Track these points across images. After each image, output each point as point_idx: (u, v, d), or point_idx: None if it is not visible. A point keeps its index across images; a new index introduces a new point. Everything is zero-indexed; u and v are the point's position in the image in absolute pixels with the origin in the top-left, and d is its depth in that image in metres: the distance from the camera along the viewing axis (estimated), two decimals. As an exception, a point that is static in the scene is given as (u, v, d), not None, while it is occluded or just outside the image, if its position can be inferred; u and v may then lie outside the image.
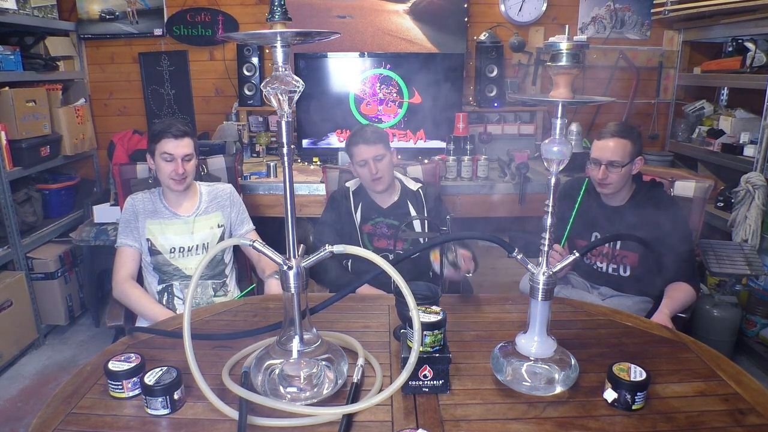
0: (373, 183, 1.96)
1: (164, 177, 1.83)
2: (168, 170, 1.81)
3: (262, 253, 1.04)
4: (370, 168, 1.92)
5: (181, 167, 1.81)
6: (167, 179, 1.83)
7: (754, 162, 2.64)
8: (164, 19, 3.42)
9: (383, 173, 1.94)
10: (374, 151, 1.92)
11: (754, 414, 1.00)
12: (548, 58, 1.01)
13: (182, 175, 1.82)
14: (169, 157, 1.81)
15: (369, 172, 1.93)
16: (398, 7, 3.38)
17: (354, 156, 1.96)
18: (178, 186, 1.84)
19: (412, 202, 2.05)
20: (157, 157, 1.83)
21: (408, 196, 2.06)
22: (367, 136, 1.92)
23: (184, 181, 1.84)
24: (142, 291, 1.82)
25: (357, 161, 1.95)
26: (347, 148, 2.00)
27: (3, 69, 2.66)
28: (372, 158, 1.92)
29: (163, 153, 1.81)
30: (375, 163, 1.92)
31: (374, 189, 1.99)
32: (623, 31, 3.51)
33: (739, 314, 2.50)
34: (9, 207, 2.62)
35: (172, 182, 1.83)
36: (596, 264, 1.98)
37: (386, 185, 1.99)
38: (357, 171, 1.99)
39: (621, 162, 1.79)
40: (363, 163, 1.94)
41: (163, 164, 1.82)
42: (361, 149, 1.92)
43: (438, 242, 1.88)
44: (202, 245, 1.91)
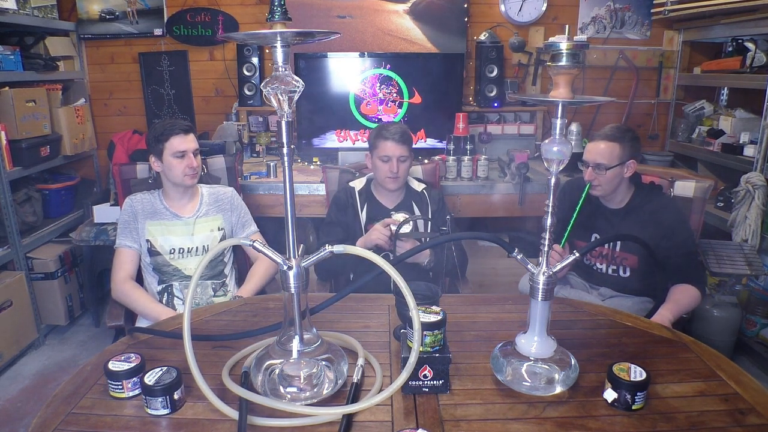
0: (388, 180, 1.98)
1: (177, 174, 1.84)
2: (181, 167, 1.83)
3: (261, 252, 1.04)
4: (392, 166, 1.95)
5: (194, 161, 1.85)
6: (181, 176, 1.84)
7: (754, 162, 2.64)
8: (164, 19, 3.41)
9: (402, 174, 1.97)
10: (401, 151, 1.95)
11: (754, 414, 1.00)
12: (548, 58, 1.01)
13: (195, 168, 1.85)
14: (180, 154, 1.82)
15: (389, 170, 1.95)
16: (398, 7, 3.38)
17: (378, 149, 1.97)
18: (192, 180, 1.87)
19: (417, 203, 2.06)
20: (167, 157, 1.83)
21: (413, 197, 2.07)
22: (399, 135, 1.96)
23: (197, 176, 1.88)
24: (142, 291, 1.83)
25: (380, 155, 1.96)
26: (373, 139, 2.01)
27: (3, 69, 2.66)
28: (397, 157, 1.94)
29: (175, 152, 1.82)
30: (398, 163, 1.95)
31: (386, 186, 2.00)
32: (623, 31, 3.51)
33: (739, 314, 2.50)
34: (9, 207, 2.62)
35: (187, 178, 1.85)
36: (596, 265, 1.97)
37: (399, 186, 2.01)
38: (375, 163, 2.00)
39: (607, 165, 1.80)
40: (386, 159, 1.95)
41: (175, 161, 1.83)
42: (389, 145, 1.95)
43: (438, 242, 1.89)
44: (202, 247, 1.91)
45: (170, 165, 1.83)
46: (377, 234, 1.83)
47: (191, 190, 1.94)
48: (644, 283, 1.88)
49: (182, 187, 1.89)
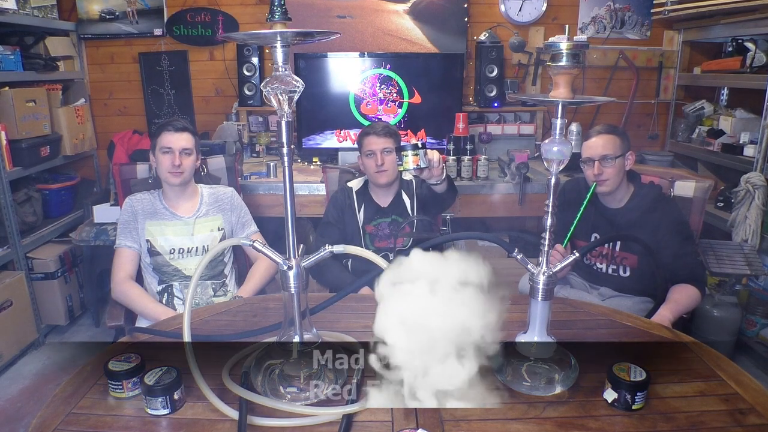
0: (377, 175, 1.99)
1: (163, 171, 1.84)
2: (166, 163, 1.82)
3: (261, 252, 1.04)
4: (377, 159, 1.97)
5: (178, 159, 1.81)
6: (165, 173, 1.83)
7: (754, 162, 2.64)
8: (164, 19, 3.41)
9: (388, 166, 1.99)
10: (384, 143, 1.98)
11: (754, 414, 1.00)
12: (548, 58, 1.01)
13: (178, 167, 1.81)
14: (167, 150, 1.82)
15: (374, 164, 1.98)
16: (398, 7, 3.38)
17: (363, 146, 2.01)
18: (175, 179, 1.84)
19: (406, 191, 2.08)
20: (157, 152, 1.84)
21: (403, 187, 2.10)
22: (380, 128, 2.01)
23: (180, 175, 1.84)
24: (142, 290, 1.82)
25: (365, 151, 2.00)
26: (359, 140, 2.05)
27: (3, 69, 2.66)
28: (381, 150, 1.97)
29: (162, 147, 1.82)
30: (382, 155, 1.97)
31: (377, 181, 2.01)
32: (623, 31, 3.51)
33: (739, 314, 2.50)
34: (9, 207, 2.62)
35: (169, 175, 1.83)
36: (596, 265, 1.97)
37: (389, 180, 2.02)
38: (363, 162, 2.04)
39: (613, 155, 1.81)
40: (370, 153, 1.98)
41: (162, 157, 1.83)
42: (372, 139, 1.99)
43: (438, 242, 1.89)
44: (202, 247, 1.91)
45: (159, 161, 1.84)
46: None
47: (190, 189, 1.94)
48: (644, 282, 1.88)
49: (168, 185, 1.88)
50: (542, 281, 1.07)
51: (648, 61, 3.54)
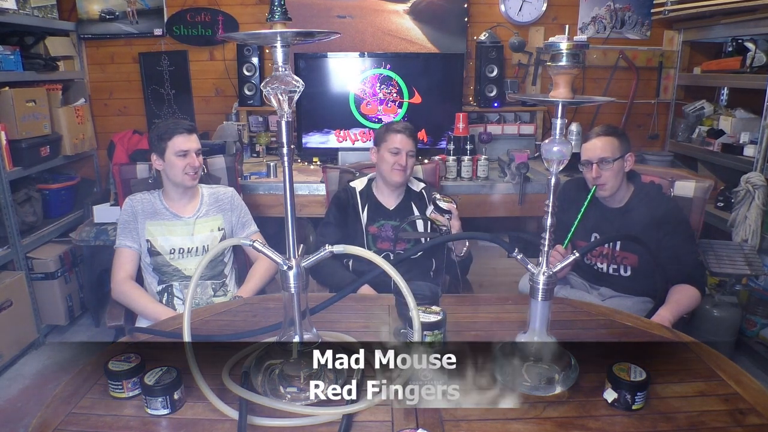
0: (395, 172, 1.98)
1: (178, 173, 1.85)
2: (182, 165, 1.84)
3: (261, 252, 1.04)
4: (401, 158, 1.97)
5: (197, 161, 1.86)
6: (181, 175, 1.84)
7: (754, 162, 2.64)
8: (164, 19, 3.41)
9: (409, 169, 2.00)
10: (410, 145, 1.98)
11: (754, 414, 1.00)
12: (548, 58, 1.01)
13: (197, 168, 1.86)
14: (183, 153, 1.83)
15: (397, 162, 1.97)
16: (398, 7, 3.38)
17: (387, 141, 1.98)
18: (192, 181, 1.87)
19: (415, 202, 2.06)
20: (170, 156, 1.84)
21: (412, 197, 2.07)
22: (409, 131, 2.01)
23: (197, 176, 1.88)
24: (142, 290, 1.83)
25: (390, 147, 1.98)
26: (382, 133, 2.02)
27: (3, 69, 2.66)
28: (406, 151, 1.97)
29: (177, 150, 1.83)
30: (407, 157, 1.98)
31: (392, 178, 2.00)
32: (623, 31, 3.51)
33: (739, 314, 2.50)
34: (9, 207, 2.62)
35: (187, 177, 1.85)
36: (596, 265, 1.97)
37: (403, 180, 2.02)
38: (382, 156, 2.01)
39: (612, 157, 1.81)
40: (396, 151, 1.97)
41: (177, 160, 1.84)
42: (400, 138, 1.97)
43: (438, 242, 1.89)
44: (203, 247, 1.91)
45: (172, 164, 1.84)
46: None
47: (191, 190, 1.94)
48: (645, 282, 1.88)
49: (182, 187, 1.89)
50: (542, 281, 1.07)
51: (648, 61, 3.54)
